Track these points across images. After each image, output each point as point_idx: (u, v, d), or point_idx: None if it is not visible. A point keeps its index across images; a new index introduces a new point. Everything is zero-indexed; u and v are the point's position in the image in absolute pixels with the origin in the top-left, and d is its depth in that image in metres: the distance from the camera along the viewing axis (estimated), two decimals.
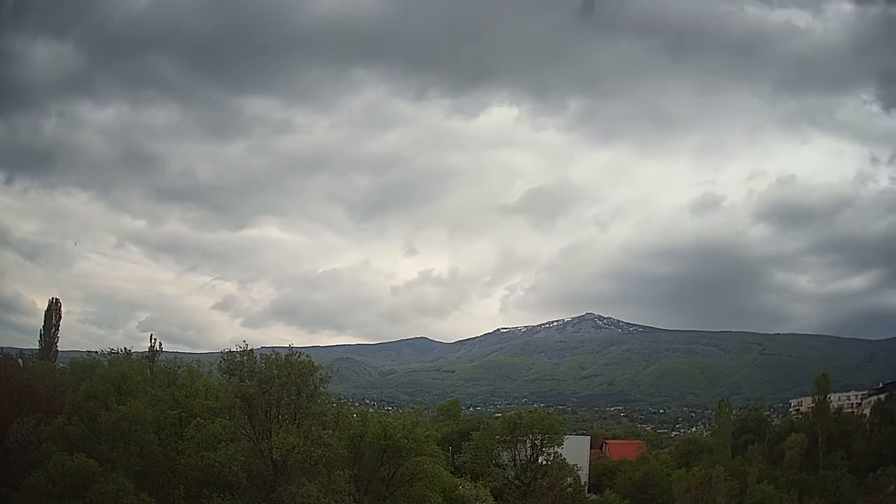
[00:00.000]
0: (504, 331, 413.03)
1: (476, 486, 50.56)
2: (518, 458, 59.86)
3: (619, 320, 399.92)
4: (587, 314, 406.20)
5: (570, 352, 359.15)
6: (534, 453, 59.86)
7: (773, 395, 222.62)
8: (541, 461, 59.48)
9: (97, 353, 49.50)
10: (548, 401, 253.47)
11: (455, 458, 58.46)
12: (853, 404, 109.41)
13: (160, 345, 55.30)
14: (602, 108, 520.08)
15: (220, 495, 34.29)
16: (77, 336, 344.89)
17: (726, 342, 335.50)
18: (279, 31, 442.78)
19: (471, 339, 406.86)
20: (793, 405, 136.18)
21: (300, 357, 38.09)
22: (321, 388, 39.05)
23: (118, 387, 40.05)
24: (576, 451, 67.06)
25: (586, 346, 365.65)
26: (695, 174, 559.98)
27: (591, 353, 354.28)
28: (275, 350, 40.95)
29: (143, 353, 53.41)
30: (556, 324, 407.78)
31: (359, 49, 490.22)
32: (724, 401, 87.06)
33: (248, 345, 38.64)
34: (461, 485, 49.66)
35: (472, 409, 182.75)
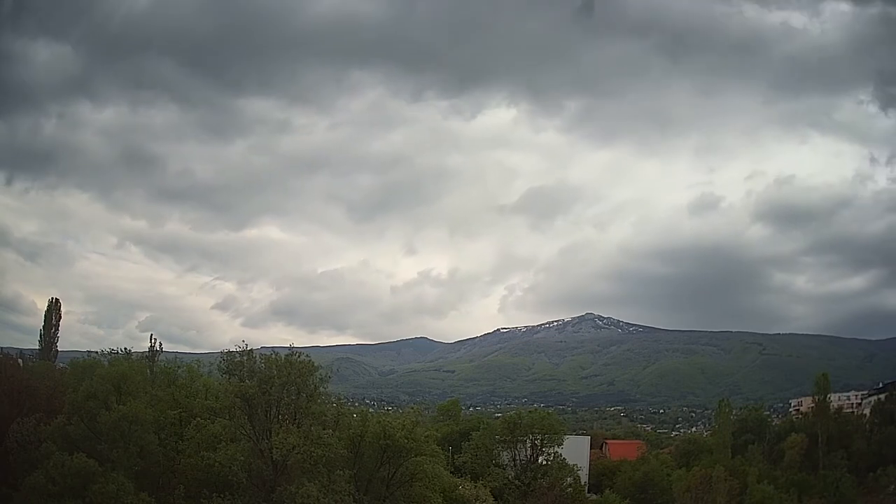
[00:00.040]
0: (504, 331, 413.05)
1: (476, 486, 50.53)
2: (518, 458, 59.81)
3: (619, 320, 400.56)
4: (587, 314, 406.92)
5: (570, 352, 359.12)
6: (534, 453, 59.81)
7: (773, 395, 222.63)
8: (541, 461, 59.44)
9: (97, 353, 49.60)
10: (548, 401, 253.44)
11: (455, 458, 58.43)
12: (853, 404, 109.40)
13: (160, 345, 55.34)
14: (600, 108, 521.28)
15: (220, 495, 34.29)
16: (77, 336, 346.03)
17: (726, 342, 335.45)
18: (278, 33, 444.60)
19: (471, 339, 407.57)
20: (793, 405, 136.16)
21: (300, 357, 38.07)
22: (321, 388, 39.04)
23: (118, 387, 40.06)
24: (576, 451, 67.02)
25: (586, 346, 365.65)
26: (693, 175, 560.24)
27: (591, 353, 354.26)
28: (275, 350, 40.94)
29: (143, 353, 53.40)
30: (556, 324, 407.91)
31: (357, 50, 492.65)
32: (724, 401, 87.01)
33: (247, 345, 38.72)
34: (461, 485, 49.64)
35: (472, 409, 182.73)
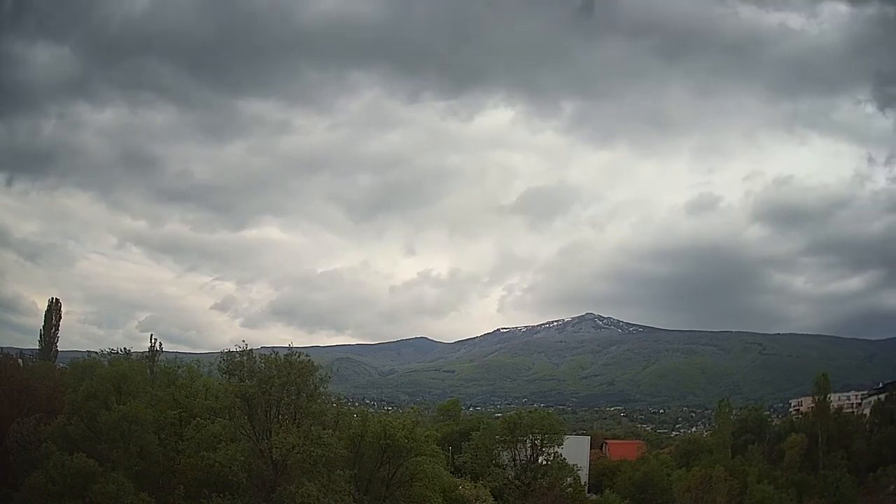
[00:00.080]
0: (504, 331, 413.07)
1: (476, 486, 50.53)
2: (518, 458, 59.81)
3: (619, 320, 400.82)
4: (587, 314, 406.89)
5: (570, 352, 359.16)
6: (534, 453, 59.81)
7: (773, 395, 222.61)
8: (541, 461, 59.44)
9: (97, 353, 49.68)
10: (548, 401, 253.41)
11: (455, 458, 58.42)
12: (853, 404, 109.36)
13: (160, 345, 55.43)
14: (599, 109, 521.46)
15: (220, 495, 34.28)
16: (77, 336, 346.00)
17: (726, 342, 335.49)
18: (276, 34, 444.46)
19: (471, 339, 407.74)
20: (793, 405, 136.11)
21: (300, 357, 38.07)
22: (321, 388, 39.03)
23: (118, 387, 40.07)
24: (576, 451, 67.02)
25: (586, 346, 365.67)
26: (692, 175, 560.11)
27: (591, 353, 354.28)
28: (275, 350, 40.93)
29: (143, 353, 53.46)
30: (555, 324, 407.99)
31: (355, 51, 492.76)
32: (724, 401, 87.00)
33: (247, 345, 38.72)
34: (461, 485, 49.64)
35: (472, 409, 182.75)
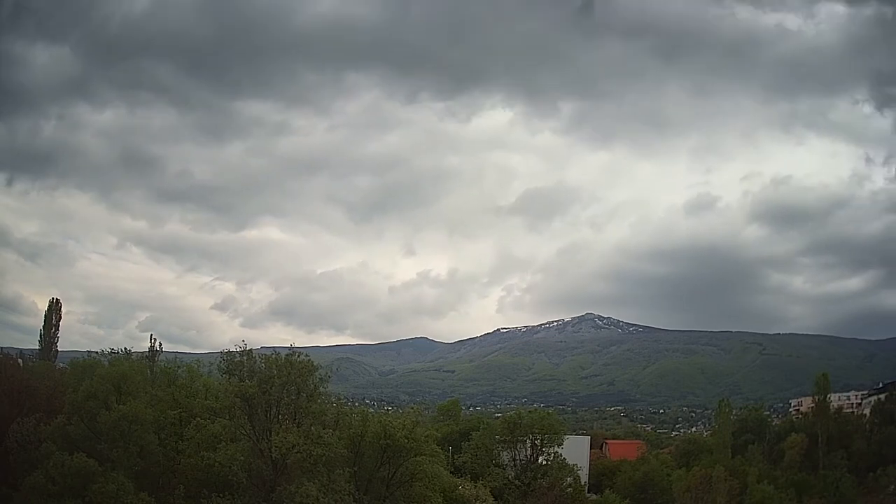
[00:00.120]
0: (504, 331, 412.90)
1: (476, 486, 50.52)
2: (518, 458, 59.78)
3: (619, 320, 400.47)
4: (587, 314, 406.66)
5: (570, 352, 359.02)
6: (534, 453, 59.79)
7: (773, 395, 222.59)
8: (541, 461, 59.42)
9: (97, 353, 49.70)
10: (548, 401, 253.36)
11: (455, 458, 58.42)
12: (853, 404, 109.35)
13: (160, 345, 55.36)
14: (597, 110, 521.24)
15: (220, 495, 34.30)
16: (77, 336, 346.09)
17: (726, 342, 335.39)
18: (274, 36, 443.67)
19: (471, 339, 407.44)
20: (793, 405, 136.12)
21: (300, 357, 38.09)
22: (321, 388, 39.05)
23: (118, 387, 40.11)
24: (576, 451, 67.00)
25: (586, 346, 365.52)
26: (690, 175, 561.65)
27: (591, 353, 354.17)
28: (275, 350, 40.96)
29: (143, 353, 53.43)
30: (555, 324, 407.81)
31: (353, 53, 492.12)
32: (724, 401, 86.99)
33: (247, 345, 38.74)
34: (461, 485, 49.64)
35: (472, 409, 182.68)
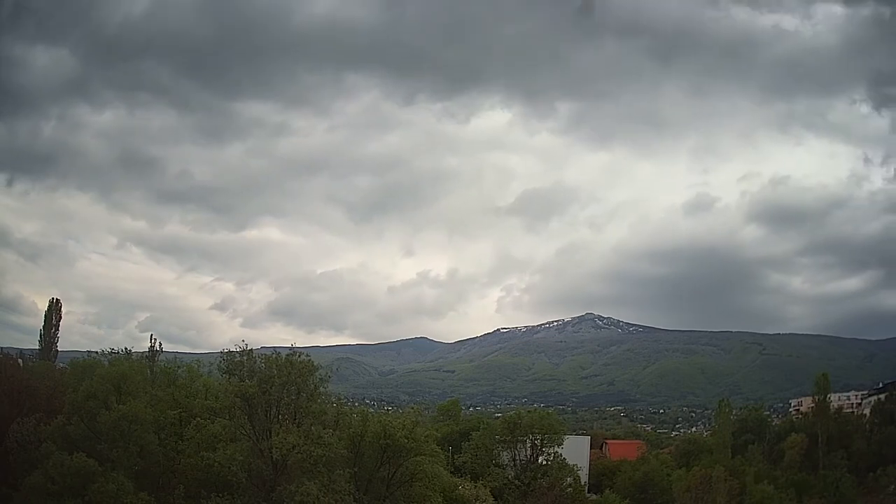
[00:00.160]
0: (504, 331, 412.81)
1: (476, 486, 50.54)
2: (518, 458, 59.81)
3: (619, 320, 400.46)
4: (587, 314, 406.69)
5: (570, 352, 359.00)
6: (534, 453, 59.80)
7: (773, 395, 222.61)
8: (541, 461, 59.43)
9: (97, 353, 49.65)
10: (548, 401, 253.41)
11: (455, 458, 58.44)
12: (853, 404, 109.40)
13: (160, 345, 55.30)
14: (595, 110, 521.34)
15: (219, 495, 34.29)
16: (77, 336, 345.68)
17: (726, 342, 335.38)
18: (273, 37, 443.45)
19: (471, 339, 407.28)
20: (793, 405, 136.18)
21: (300, 357, 38.09)
22: (321, 388, 39.03)
23: (118, 387, 40.11)
24: (576, 451, 67.01)
25: (586, 346, 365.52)
26: (689, 176, 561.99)
27: (591, 353, 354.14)
28: (275, 350, 40.94)
29: (143, 353, 53.38)
30: (556, 324, 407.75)
31: (351, 54, 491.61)
32: (724, 401, 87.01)
33: (247, 345, 38.71)
34: (461, 485, 49.66)
35: (472, 409, 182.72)
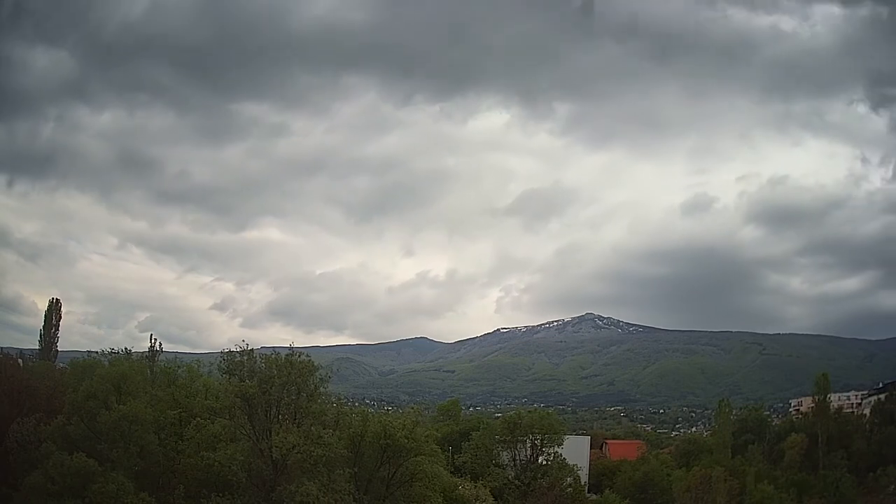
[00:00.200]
0: (504, 331, 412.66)
1: (476, 486, 50.55)
2: (518, 458, 59.80)
3: (619, 320, 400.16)
4: (587, 314, 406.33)
5: (570, 352, 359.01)
6: (534, 453, 59.79)
7: (773, 395, 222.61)
8: (541, 461, 59.43)
9: (97, 353, 49.66)
10: (548, 401, 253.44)
11: (455, 458, 58.44)
12: (853, 404, 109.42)
13: (160, 345, 55.25)
14: (594, 111, 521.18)
15: (219, 495, 34.29)
16: (77, 336, 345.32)
17: (726, 342, 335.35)
18: (270, 39, 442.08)
19: (471, 339, 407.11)
20: (793, 405, 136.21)
21: (300, 357, 38.09)
22: (321, 388, 39.02)
23: (118, 387, 40.11)
24: (576, 451, 67.01)
25: (586, 346, 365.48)
26: (688, 176, 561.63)
27: (591, 353, 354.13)
28: (275, 350, 40.93)
29: (143, 353, 53.35)
30: (556, 324, 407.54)
31: (349, 56, 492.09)
32: (724, 401, 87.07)
33: (248, 345, 38.69)
34: (461, 485, 49.65)
35: (472, 409, 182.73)
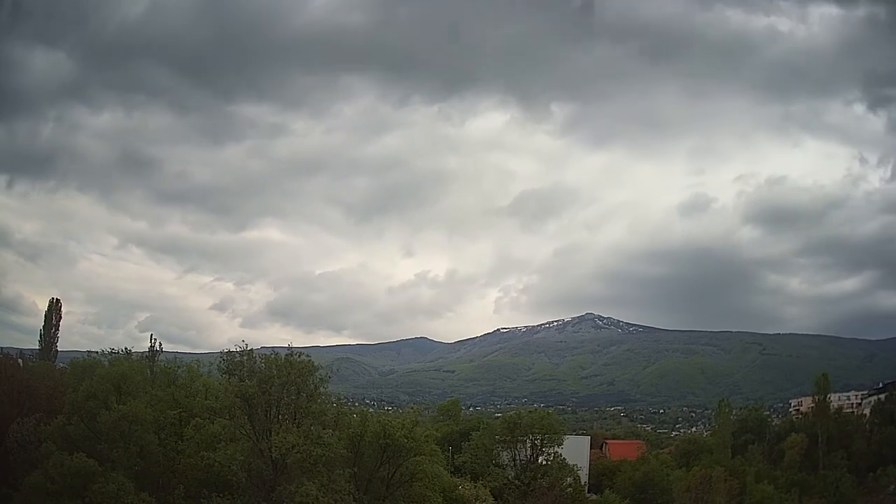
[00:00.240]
0: (504, 331, 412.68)
1: (476, 486, 50.56)
2: (518, 458, 59.79)
3: (618, 320, 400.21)
4: (587, 314, 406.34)
5: (570, 352, 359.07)
6: (534, 453, 59.79)
7: (773, 395, 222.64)
8: (541, 461, 59.42)
9: (97, 353, 49.62)
10: (548, 401, 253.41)
11: (455, 458, 58.45)
12: (853, 404, 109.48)
13: (160, 345, 55.21)
14: (593, 111, 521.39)
15: (219, 495, 34.31)
16: (77, 336, 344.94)
17: (726, 342, 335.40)
18: (269, 40, 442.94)
19: (471, 339, 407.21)
20: (793, 405, 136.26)
21: (300, 357, 38.09)
22: (321, 388, 39.01)
23: (118, 387, 40.09)
24: (576, 451, 67.00)
25: (586, 346, 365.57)
26: (686, 176, 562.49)
27: (591, 353, 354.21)
28: (274, 350, 40.93)
29: (143, 353, 53.33)
30: (556, 324, 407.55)
31: (347, 57, 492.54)
32: (724, 401, 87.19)
33: (247, 345, 38.68)
34: (461, 485, 49.66)
35: (472, 409, 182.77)
